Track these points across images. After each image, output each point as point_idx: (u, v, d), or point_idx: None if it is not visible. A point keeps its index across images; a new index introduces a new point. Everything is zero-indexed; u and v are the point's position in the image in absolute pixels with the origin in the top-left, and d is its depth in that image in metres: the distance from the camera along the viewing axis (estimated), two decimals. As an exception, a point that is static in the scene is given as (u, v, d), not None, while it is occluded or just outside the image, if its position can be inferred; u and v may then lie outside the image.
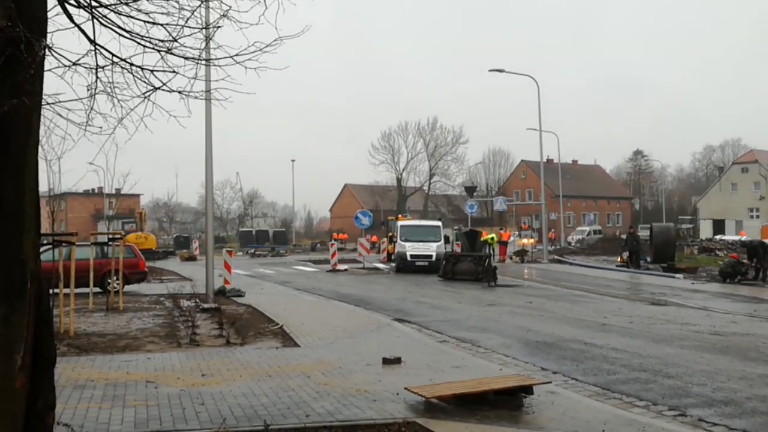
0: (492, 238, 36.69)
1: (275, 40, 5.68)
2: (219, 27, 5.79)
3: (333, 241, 38.83)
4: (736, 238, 48.53)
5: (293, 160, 73.71)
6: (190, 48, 5.81)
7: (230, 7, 5.63)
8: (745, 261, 24.02)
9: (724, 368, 9.22)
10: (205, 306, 15.31)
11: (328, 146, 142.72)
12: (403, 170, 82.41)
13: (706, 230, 59.76)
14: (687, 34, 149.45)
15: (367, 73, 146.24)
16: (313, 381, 8.15)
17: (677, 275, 26.02)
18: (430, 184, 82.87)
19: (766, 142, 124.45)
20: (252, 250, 52.12)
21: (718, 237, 52.67)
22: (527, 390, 7.24)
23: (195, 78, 5.98)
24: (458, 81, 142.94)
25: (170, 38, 5.61)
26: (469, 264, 25.95)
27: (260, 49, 5.59)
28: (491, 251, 34.10)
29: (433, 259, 29.03)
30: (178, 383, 8.05)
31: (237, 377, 8.42)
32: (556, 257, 38.45)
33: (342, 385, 7.94)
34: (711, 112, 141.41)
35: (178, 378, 8.35)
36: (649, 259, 31.61)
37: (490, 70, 37.76)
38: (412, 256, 29.51)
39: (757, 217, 75.11)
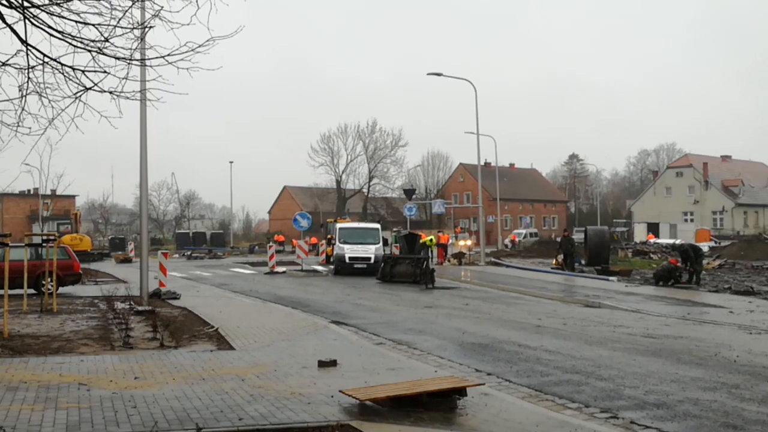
0: (431, 241, 37.09)
1: (208, 41, 5.62)
2: (151, 27, 5.69)
3: (271, 243, 38.51)
4: (670, 241, 50.11)
5: (231, 162, 73.12)
6: (122, 48, 5.70)
7: (162, 7, 5.53)
8: (678, 259, 24.63)
9: (656, 371, 9.39)
10: (140, 308, 15.07)
11: (267, 148, 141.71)
12: (343, 172, 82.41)
13: (640, 233, 61.36)
14: (621, 38, 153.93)
15: (303, 76, 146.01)
16: (248, 384, 8.06)
17: (611, 278, 26.62)
18: (369, 186, 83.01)
19: (700, 147, 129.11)
20: (189, 252, 51.35)
21: (652, 240, 54.22)
22: (461, 392, 7.30)
23: (126, 78, 5.86)
24: (398, 84, 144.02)
25: (102, 38, 5.49)
26: (407, 266, 26.08)
27: (192, 50, 5.52)
28: (430, 254, 34.46)
29: (372, 261, 29.10)
30: (111, 386, 7.90)
31: (170, 380, 8.27)
32: (493, 260, 38.97)
33: (276, 388, 7.87)
34: (646, 117, 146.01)
35: (111, 381, 8.19)
36: (583, 262, 32.31)
37: (428, 74, 38.05)
38: (350, 258, 29.51)
39: (692, 220, 77.74)
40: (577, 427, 6.70)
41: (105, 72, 5.61)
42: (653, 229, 61.52)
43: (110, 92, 5.88)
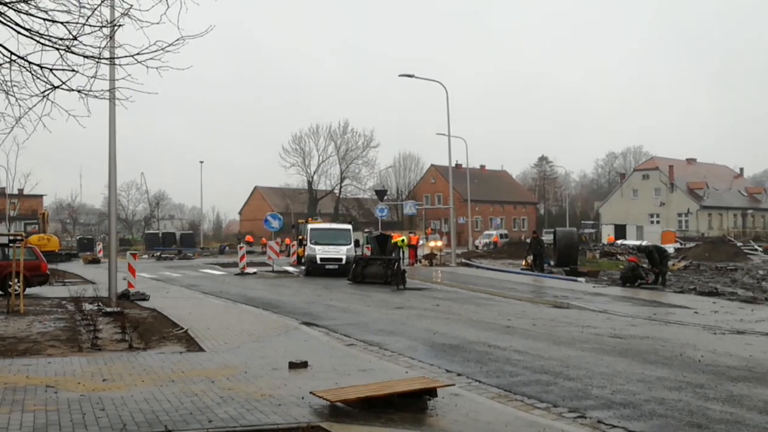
0: (402, 241, 37.15)
1: (178, 40, 5.58)
2: (120, 26, 5.63)
3: (242, 244, 38.27)
4: (637, 242, 50.79)
5: (201, 162, 72.45)
6: (91, 46, 5.64)
7: (131, 5, 5.49)
8: (645, 264, 25.02)
9: (623, 370, 9.51)
10: (108, 310, 14.91)
11: (238, 148, 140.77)
12: (314, 173, 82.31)
13: (608, 235, 62.20)
14: (588, 40, 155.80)
15: (276, 76, 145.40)
16: (217, 386, 8.02)
17: (579, 279, 26.89)
18: (341, 187, 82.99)
19: (666, 150, 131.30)
20: (158, 253, 50.86)
21: (619, 242, 54.90)
22: (431, 392, 7.34)
23: (95, 77, 5.80)
24: (370, 85, 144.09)
25: (70, 36, 5.43)
26: (378, 267, 26.10)
27: (162, 49, 5.47)
28: (401, 255, 34.51)
29: (343, 262, 29.08)
30: (79, 388, 7.81)
31: (139, 382, 8.20)
32: (463, 261, 39.15)
33: (247, 389, 7.84)
34: (614, 119, 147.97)
35: (79, 383, 8.10)
36: (552, 263, 32.60)
37: (400, 75, 38.06)
38: (322, 259, 29.46)
39: (658, 222, 78.91)
40: (546, 426, 6.77)
41: (73, 71, 5.55)
42: (620, 230, 62.36)
43: (78, 91, 5.82)
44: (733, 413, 7.28)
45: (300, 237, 35.62)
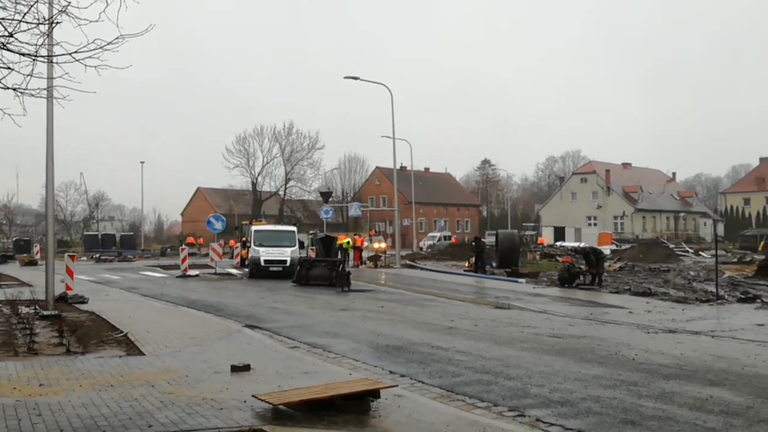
0: (347, 243, 37.18)
1: (117, 38, 5.50)
2: (58, 23, 5.52)
3: (183, 246, 37.68)
4: (575, 244, 51.94)
5: (142, 162, 70.94)
6: (27, 44, 5.51)
7: (69, 2, 5.39)
8: (581, 266, 25.59)
9: (561, 369, 9.72)
10: (45, 313, 14.51)
11: (181, 149, 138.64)
12: (259, 174, 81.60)
13: (547, 237, 63.52)
14: (528, 44, 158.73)
15: (219, 77, 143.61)
16: (158, 390, 7.91)
17: (520, 280, 27.32)
18: (286, 188, 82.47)
19: (603, 154, 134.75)
20: (97, 255, 49.72)
21: (558, 243, 56.06)
22: (374, 394, 7.39)
23: (31, 75, 5.68)
24: (316, 87, 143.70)
25: (6, 33, 5.31)
26: (323, 269, 26.06)
27: (101, 47, 5.39)
28: (346, 256, 34.52)
29: (288, 264, 28.94)
30: (15, 393, 7.61)
31: (77, 387, 8.04)
32: (408, 262, 39.38)
33: (188, 393, 7.76)
34: (554, 123, 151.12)
35: (15, 388, 7.89)
36: (494, 264, 33.09)
37: (345, 77, 38.06)
38: (266, 261, 29.26)
39: (595, 225, 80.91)
40: (486, 426, 6.89)
41: (9, 68, 5.42)
42: (559, 232, 63.77)
43: (14, 89, 5.69)
44: (664, 410, 7.53)
45: (244, 239, 35.29)
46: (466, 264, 33.86)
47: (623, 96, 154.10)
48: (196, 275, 30.02)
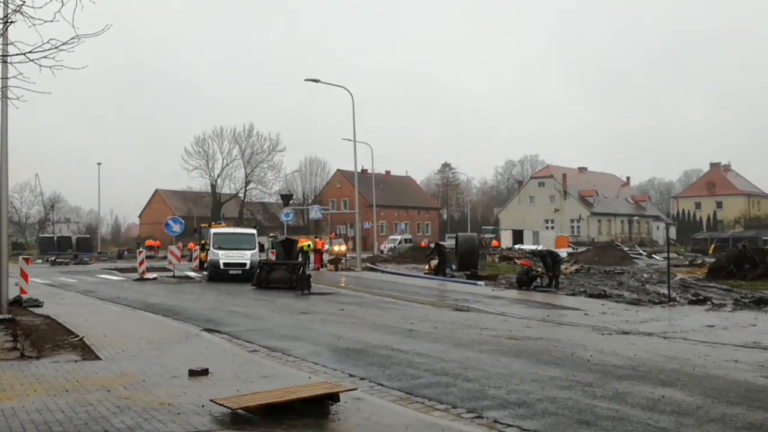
0: (308, 246, 37.05)
1: (73, 38, 5.43)
2: (13, 22, 5.43)
3: (141, 249, 37.14)
4: (532, 247, 52.62)
5: (99, 164, 69.61)
6: (-22, 43, 5.41)
7: (24, 2, 5.31)
8: (538, 268, 25.97)
9: (518, 371, 9.84)
10: (-2, 317, 14.20)
11: (139, 150, 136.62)
12: (218, 177, 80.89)
13: (506, 240, 64.21)
14: (487, 50, 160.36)
15: (178, 77, 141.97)
16: (114, 395, 7.81)
17: (479, 282, 27.56)
18: (246, 191, 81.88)
19: (561, 159, 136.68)
20: (53, 258, 48.72)
21: (517, 246, 56.68)
22: (334, 397, 7.41)
23: (-16, 75, 5.57)
24: (277, 89, 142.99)
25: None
26: (283, 272, 25.94)
27: (56, 47, 5.32)
28: (307, 259, 34.40)
29: (247, 267, 28.72)
30: (-35, 400, 7.43)
31: (31, 392, 7.90)
32: (369, 265, 39.42)
33: (144, 398, 7.67)
34: (514, 128, 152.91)
35: (-35, 394, 7.71)
36: (454, 267, 33.32)
37: (305, 80, 37.90)
38: (225, 264, 29.01)
39: (552, 228, 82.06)
40: (445, 427, 6.95)
41: (-39, 69, 5.31)
42: (518, 235, 64.51)
43: (-34, 90, 5.57)
44: (618, 410, 7.69)
45: (203, 241, 34.94)
46: (427, 267, 34.04)
47: (580, 101, 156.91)
48: (154, 278, 29.66)
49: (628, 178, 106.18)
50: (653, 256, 51.54)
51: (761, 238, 54.81)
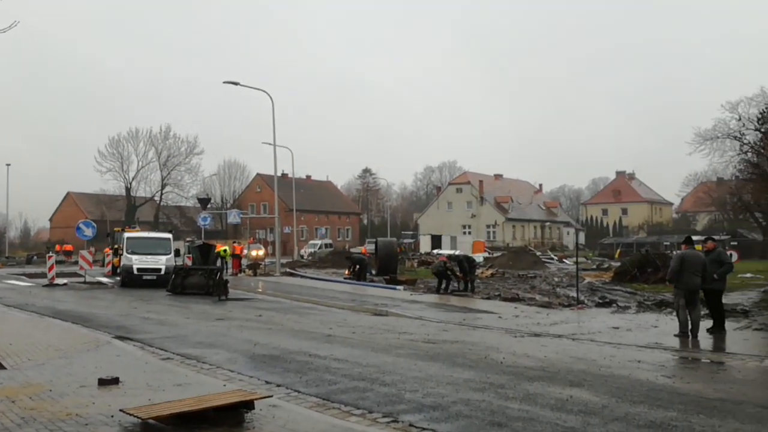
0: (225, 251, 36.49)
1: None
2: None
3: (51, 254, 35.72)
4: (450, 251, 53.37)
5: (8, 165, 66.53)
6: None
7: None
8: (455, 268, 26.41)
9: (434, 374, 9.96)
10: None
11: (50, 152, 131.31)
12: (133, 179, 78.65)
13: (425, 245, 65.01)
14: (403, 55, 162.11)
15: (93, 78, 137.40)
16: (18, 406, 7.52)
17: (398, 287, 27.77)
18: (162, 194, 79.90)
19: (477, 165, 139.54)
20: (-46, 263, 46.32)
21: (435, 251, 57.37)
22: (249, 405, 7.35)
23: None
24: (196, 92, 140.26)
25: None
26: (199, 277, 25.49)
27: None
28: (224, 264, 33.89)
29: (162, 272, 28.12)
30: None
31: (-74, 407, 7.50)
32: (288, 270, 39.16)
33: (51, 409, 7.42)
34: (432, 134, 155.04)
35: None
36: (374, 272, 33.51)
37: (224, 82, 37.40)
38: (139, 269, 28.30)
39: (469, 233, 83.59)
40: (360, 432, 7.02)
41: None
42: (436, 240, 65.40)
43: None
44: (529, 411, 7.92)
45: (116, 246, 33.93)
46: (347, 271, 34.11)
47: (494, 108, 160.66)
48: (65, 284, 28.68)
49: (540, 185, 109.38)
50: (564, 260, 53.19)
51: (663, 243, 57.54)
